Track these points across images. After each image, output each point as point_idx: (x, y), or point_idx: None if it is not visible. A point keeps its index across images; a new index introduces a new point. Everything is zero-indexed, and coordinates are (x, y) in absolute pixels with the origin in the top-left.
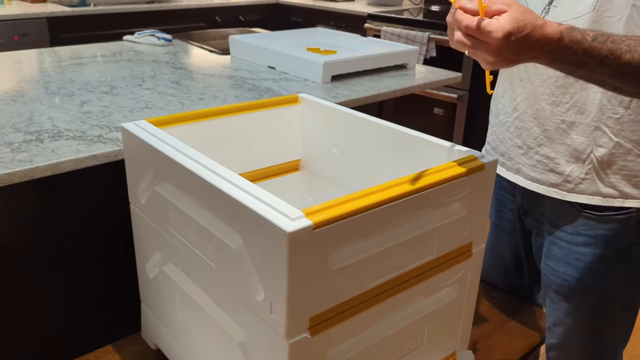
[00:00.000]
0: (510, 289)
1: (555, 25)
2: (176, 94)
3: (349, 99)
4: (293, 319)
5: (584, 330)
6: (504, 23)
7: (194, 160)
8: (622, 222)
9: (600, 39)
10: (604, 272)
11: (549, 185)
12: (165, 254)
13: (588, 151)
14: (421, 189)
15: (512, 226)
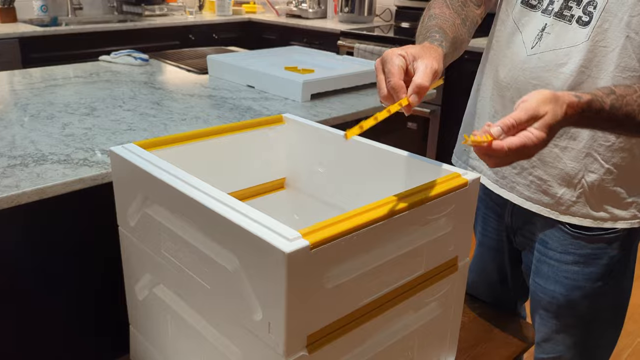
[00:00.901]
0: (495, 302)
1: (576, 102)
2: (158, 115)
3: (329, 117)
4: (291, 338)
5: (572, 346)
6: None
7: (185, 182)
8: (610, 240)
9: (617, 104)
10: (592, 290)
11: (542, 205)
12: (156, 276)
13: (580, 176)
14: (411, 206)
15: (497, 244)
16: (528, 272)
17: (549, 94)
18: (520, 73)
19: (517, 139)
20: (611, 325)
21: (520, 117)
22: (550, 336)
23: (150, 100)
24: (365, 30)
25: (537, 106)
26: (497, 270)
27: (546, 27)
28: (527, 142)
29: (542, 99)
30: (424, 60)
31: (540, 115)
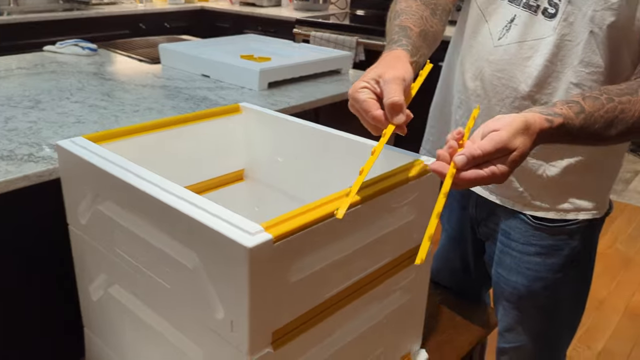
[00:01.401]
0: (458, 290)
1: (547, 127)
2: (109, 107)
3: (287, 105)
4: (255, 335)
5: (534, 335)
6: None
7: (139, 176)
8: (571, 231)
9: (586, 125)
10: (554, 281)
11: (506, 197)
12: (110, 276)
13: (541, 170)
14: (374, 194)
15: (461, 234)
16: (491, 262)
17: (520, 123)
18: (485, 65)
19: (482, 175)
20: (572, 314)
21: (487, 150)
22: (512, 326)
23: (100, 92)
24: (320, 18)
25: (507, 140)
26: (460, 259)
27: (515, 18)
28: (491, 177)
29: (514, 131)
30: (385, 77)
31: (509, 150)
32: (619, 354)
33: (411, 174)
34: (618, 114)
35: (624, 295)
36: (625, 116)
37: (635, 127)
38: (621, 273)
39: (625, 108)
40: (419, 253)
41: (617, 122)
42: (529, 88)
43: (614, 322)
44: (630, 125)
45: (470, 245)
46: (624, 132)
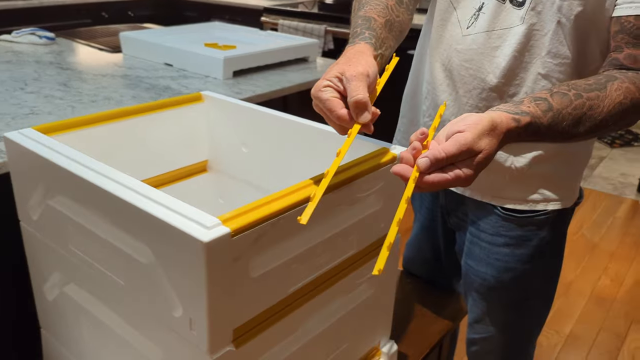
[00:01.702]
0: (430, 279)
1: (514, 127)
2: (65, 97)
3: (253, 94)
4: (215, 333)
5: (503, 326)
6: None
7: (91, 169)
8: (540, 222)
9: (554, 123)
10: (522, 271)
11: (474, 190)
12: (65, 274)
13: (509, 162)
14: (337, 185)
15: (432, 224)
16: (461, 253)
17: (487, 124)
18: (454, 54)
19: (446, 178)
20: (541, 305)
21: (452, 152)
22: (482, 317)
23: (57, 82)
24: (289, 6)
25: (472, 142)
26: (431, 248)
27: (483, 6)
28: (456, 180)
29: (480, 132)
30: (347, 74)
31: (475, 152)
32: (586, 337)
33: (376, 162)
34: (586, 110)
35: (589, 280)
36: (593, 113)
37: (603, 124)
38: (587, 258)
39: (593, 104)
40: (377, 263)
41: (585, 120)
42: (496, 79)
43: (580, 306)
44: (598, 122)
45: (441, 235)
46: (593, 129)
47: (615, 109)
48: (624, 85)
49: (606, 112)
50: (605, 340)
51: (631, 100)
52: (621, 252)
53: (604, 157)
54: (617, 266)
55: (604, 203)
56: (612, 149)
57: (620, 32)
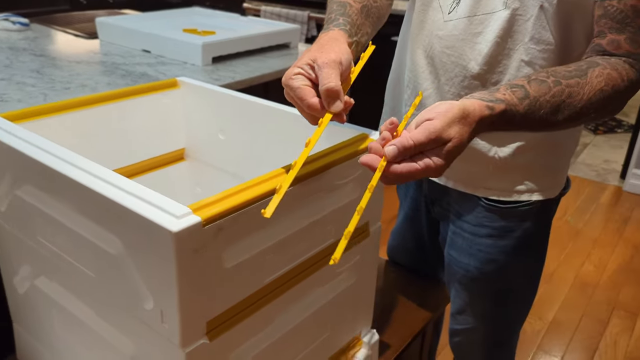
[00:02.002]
0: (414, 268)
1: (487, 115)
2: (37, 84)
3: (232, 81)
4: (188, 326)
5: (486, 317)
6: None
7: (58, 158)
8: (524, 213)
9: (530, 111)
10: (505, 263)
11: (457, 181)
12: (35, 267)
13: (492, 152)
14: (314, 172)
15: (414, 214)
16: (445, 243)
17: (458, 111)
18: (435, 41)
19: (415, 168)
20: (524, 296)
21: (420, 140)
22: (464, 308)
23: (29, 68)
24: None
25: (441, 129)
26: (415, 238)
27: None
28: (426, 170)
29: (449, 121)
30: (319, 61)
31: (442, 141)
32: (569, 323)
33: (355, 148)
34: (565, 98)
35: (573, 267)
36: (573, 100)
37: (584, 112)
38: (570, 245)
39: (573, 92)
40: (335, 252)
41: (564, 107)
42: (479, 66)
43: (563, 292)
44: (578, 110)
45: (425, 224)
46: (573, 117)
47: (596, 96)
48: (606, 72)
49: (586, 99)
50: (588, 326)
51: (613, 88)
52: (604, 238)
53: (587, 144)
54: (600, 252)
55: (588, 189)
56: (595, 135)
57: (604, 17)
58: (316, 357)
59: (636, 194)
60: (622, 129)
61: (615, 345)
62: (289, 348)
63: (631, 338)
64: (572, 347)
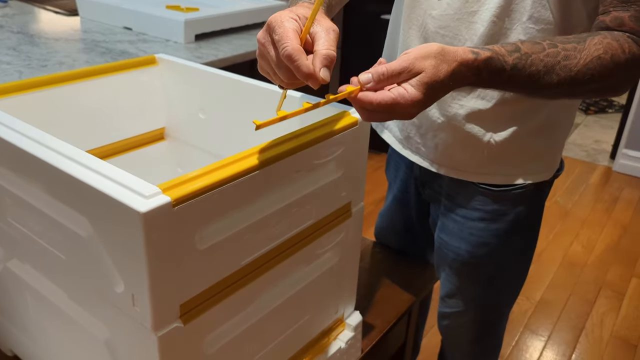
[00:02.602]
0: (402, 250)
1: (471, 59)
2: (13, 62)
3: (215, 58)
4: (160, 309)
5: (476, 301)
6: (414, 94)
7: (27, 137)
8: (517, 196)
9: (520, 65)
10: (497, 246)
11: (449, 167)
12: (7, 249)
13: (488, 137)
14: (292, 151)
15: (404, 196)
16: (435, 226)
17: (436, 48)
18: (429, 20)
19: (389, 95)
20: (514, 279)
21: (393, 68)
22: (454, 292)
23: (6, 46)
24: None
25: (414, 60)
26: (404, 220)
27: None
28: (399, 100)
29: (424, 54)
30: (322, 23)
31: (415, 71)
32: (556, 302)
33: (336, 126)
34: (561, 59)
35: (561, 247)
36: (569, 63)
37: (579, 78)
38: (559, 225)
39: (569, 55)
40: (263, 122)
41: (559, 69)
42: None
43: (551, 272)
44: (574, 75)
45: (414, 207)
46: (567, 81)
47: (593, 62)
48: (605, 41)
49: (582, 64)
50: (575, 306)
51: (612, 57)
52: (593, 218)
53: (578, 124)
54: (589, 232)
55: (577, 170)
56: (586, 115)
57: None
58: (297, 340)
59: (626, 174)
60: (612, 109)
61: (602, 324)
62: (268, 331)
63: (617, 317)
64: (559, 326)
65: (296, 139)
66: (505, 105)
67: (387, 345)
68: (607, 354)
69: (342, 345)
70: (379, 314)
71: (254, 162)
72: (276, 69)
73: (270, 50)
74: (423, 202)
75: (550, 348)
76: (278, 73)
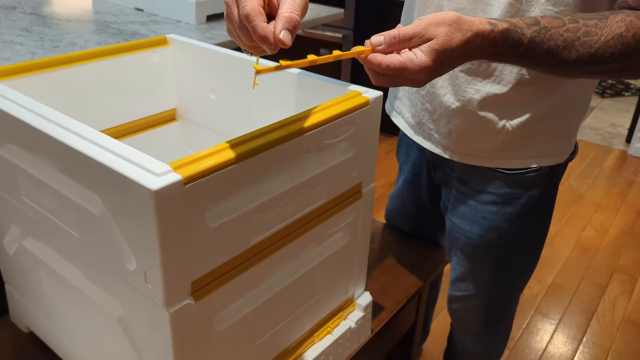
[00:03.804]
0: (413, 233)
1: (487, 30)
2: (26, 43)
3: (226, 39)
4: (171, 287)
5: (487, 285)
6: (423, 60)
7: (40, 116)
8: (530, 179)
9: (538, 38)
10: (509, 229)
11: (463, 154)
12: (23, 227)
13: (502, 122)
14: (303, 130)
15: (415, 178)
16: (446, 209)
17: (452, 16)
18: (444, 3)
19: (397, 59)
20: (526, 264)
21: (405, 32)
22: (465, 275)
23: (18, 27)
24: None
25: (426, 25)
26: (415, 202)
27: None
28: (407, 64)
29: (438, 20)
30: None
31: (427, 37)
32: (568, 286)
33: (347, 106)
34: (581, 35)
35: (574, 231)
36: (589, 39)
37: (599, 55)
38: (572, 209)
39: (590, 31)
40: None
41: (578, 45)
42: None
43: (563, 256)
44: (593, 52)
45: (426, 189)
46: (587, 58)
47: (614, 40)
48: (628, 19)
49: (603, 41)
50: (587, 290)
51: (633, 36)
52: (607, 202)
53: (594, 108)
54: (602, 216)
55: (592, 153)
56: (602, 98)
57: None
58: (307, 319)
59: None
60: (629, 92)
61: (614, 308)
62: (279, 310)
63: (630, 301)
64: (570, 310)
65: (307, 118)
66: (522, 89)
67: (396, 326)
68: (618, 337)
69: (352, 325)
70: (389, 295)
71: (265, 141)
72: (238, 30)
73: (234, 10)
74: (434, 185)
75: (560, 331)
76: (240, 35)
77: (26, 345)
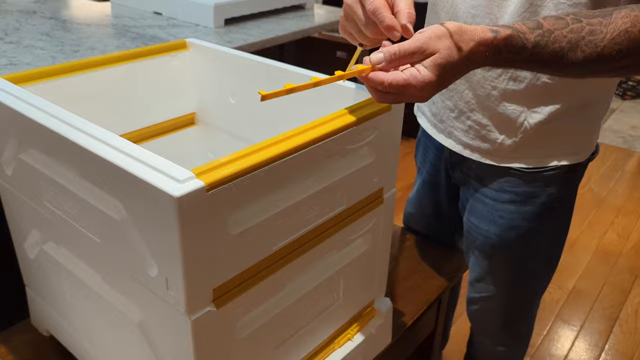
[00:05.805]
0: (431, 235)
1: (490, 38)
2: (46, 47)
3: (245, 43)
4: (193, 293)
5: (505, 285)
6: (427, 76)
7: (62, 121)
8: (549, 178)
9: (543, 42)
10: (528, 230)
11: (482, 153)
12: (44, 232)
13: (522, 119)
14: (325, 136)
15: (433, 179)
16: (464, 209)
17: (453, 27)
18: (459, 1)
19: (401, 76)
20: (545, 265)
21: (406, 48)
22: (483, 276)
23: (39, 32)
24: None
25: (427, 40)
26: (433, 204)
27: None
28: (411, 81)
29: (439, 33)
30: None
31: (429, 52)
32: (589, 292)
33: (369, 111)
34: (585, 34)
35: (595, 235)
36: (594, 38)
37: (606, 54)
38: (593, 213)
39: (595, 30)
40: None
41: (584, 45)
42: None
43: (584, 261)
44: (600, 51)
45: (444, 190)
46: (593, 57)
47: (621, 37)
48: (633, 14)
49: (609, 39)
50: (609, 295)
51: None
52: (629, 206)
53: (614, 110)
54: (624, 221)
55: (613, 156)
56: (623, 101)
57: None
58: (328, 326)
59: None
60: None
61: (637, 314)
62: (299, 316)
63: None
64: (592, 316)
65: (329, 123)
66: (539, 86)
67: (417, 332)
68: None
69: (372, 331)
70: (409, 301)
71: (288, 147)
72: (363, 27)
73: (358, 9)
74: (453, 185)
75: (582, 338)
76: (364, 30)
77: (46, 348)
